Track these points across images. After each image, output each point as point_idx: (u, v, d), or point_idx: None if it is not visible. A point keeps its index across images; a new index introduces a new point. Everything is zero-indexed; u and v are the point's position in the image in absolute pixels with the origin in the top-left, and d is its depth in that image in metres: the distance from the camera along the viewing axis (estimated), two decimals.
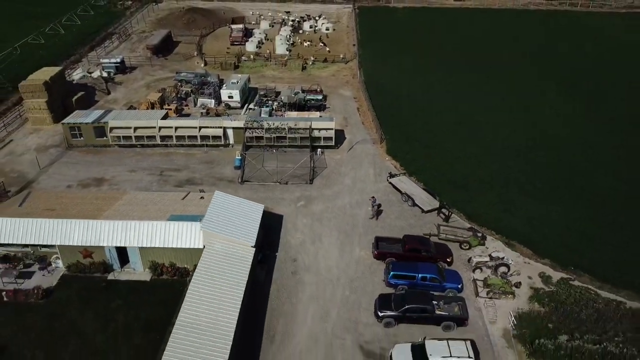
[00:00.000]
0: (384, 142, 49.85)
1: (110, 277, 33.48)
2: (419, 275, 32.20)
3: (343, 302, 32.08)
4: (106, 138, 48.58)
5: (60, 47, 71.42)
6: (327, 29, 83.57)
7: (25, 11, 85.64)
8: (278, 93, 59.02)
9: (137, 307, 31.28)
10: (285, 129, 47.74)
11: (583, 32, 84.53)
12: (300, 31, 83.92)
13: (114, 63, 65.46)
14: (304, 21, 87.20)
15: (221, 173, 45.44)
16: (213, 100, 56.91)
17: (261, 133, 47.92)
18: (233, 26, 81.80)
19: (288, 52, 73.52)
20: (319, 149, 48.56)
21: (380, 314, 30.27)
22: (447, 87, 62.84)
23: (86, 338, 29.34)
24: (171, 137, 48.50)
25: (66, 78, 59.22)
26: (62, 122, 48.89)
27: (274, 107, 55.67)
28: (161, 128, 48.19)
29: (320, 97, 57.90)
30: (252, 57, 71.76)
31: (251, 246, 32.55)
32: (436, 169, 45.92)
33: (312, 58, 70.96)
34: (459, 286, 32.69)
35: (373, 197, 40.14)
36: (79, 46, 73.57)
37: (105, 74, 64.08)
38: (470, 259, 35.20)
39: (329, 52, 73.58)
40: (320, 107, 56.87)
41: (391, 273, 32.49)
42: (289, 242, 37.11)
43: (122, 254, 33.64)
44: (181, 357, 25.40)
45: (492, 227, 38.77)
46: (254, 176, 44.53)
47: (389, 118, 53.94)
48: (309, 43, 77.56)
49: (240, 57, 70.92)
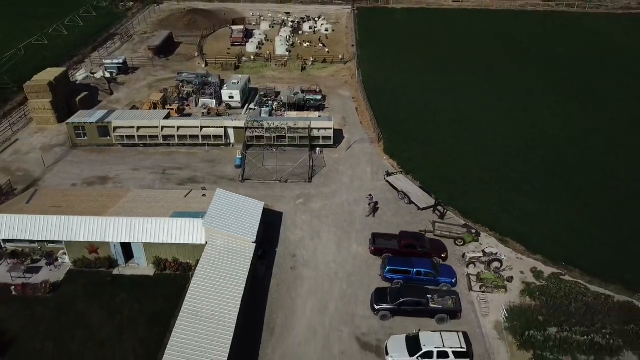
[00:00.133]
0: (382, 142, 50.80)
1: (115, 272, 34.52)
2: (414, 270, 33.25)
3: (341, 296, 33.14)
4: (110, 137, 49.57)
5: (63, 48, 72.36)
6: (327, 30, 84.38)
7: (28, 12, 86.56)
8: (278, 93, 59.82)
9: (142, 301, 32.30)
10: (285, 129, 48.70)
11: (580, 33, 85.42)
12: (300, 32, 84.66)
13: (117, 64, 66.35)
14: (304, 22, 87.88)
15: (222, 171, 46.45)
16: (214, 100, 57.81)
17: (261, 132, 48.92)
18: (234, 27, 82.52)
19: (288, 53, 74.41)
20: (318, 148, 49.50)
21: (376, 307, 31.31)
22: (445, 88, 63.67)
23: (93, 330, 30.38)
24: (173, 137, 49.50)
25: (70, 79, 60.20)
26: (67, 122, 49.89)
27: (274, 107, 56.50)
28: (163, 128, 49.16)
29: (319, 98, 58.75)
30: (253, 58, 72.65)
31: (252, 242, 33.59)
32: (433, 168, 46.87)
33: (312, 59, 71.86)
34: (453, 281, 33.74)
35: (370, 195, 41.13)
36: (82, 47, 74.49)
37: (108, 75, 64.95)
38: (464, 255, 36.22)
39: (328, 53, 74.45)
40: (319, 107, 57.74)
41: (387, 268, 33.55)
42: (289, 239, 38.15)
43: (127, 250, 34.70)
44: (185, 347, 26.47)
45: (487, 224, 39.78)
46: (255, 174, 45.56)
47: (387, 118, 54.89)
48: (309, 44, 78.47)
49: (240, 58, 71.84)
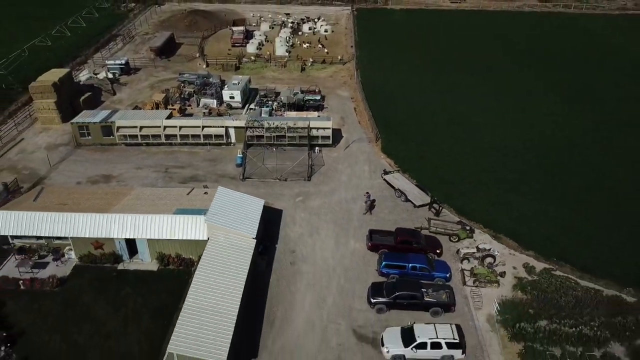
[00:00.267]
0: (379, 141, 51.81)
1: (120, 267, 35.61)
2: (410, 265, 34.32)
3: (338, 290, 34.21)
4: (113, 137, 50.65)
5: (66, 49, 73.43)
6: (326, 31, 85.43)
7: (32, 14, 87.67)
8: (278, 93, 60.81)
9: (146, 295, 33.38)
10: (284, 128, 49.75)
11: (577, 34, 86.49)
12: (299, 33, 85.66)
13: (119, 64, 67.41)
14: (304, 23, 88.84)
15: (223, 170, 47.52)
16: (215, 100, 58.88)
17: (261, 132, 49.98)
18: (234, 28, 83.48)
19: (287, 54, 75.47)
20: (317, 148, 50.55)
21: (372, 301, 32.38)
22: (443, 88, 64.72)
23: (98, 323, 31.46)
24: (175, 136, 50.59)
25: (73, 79, 61.19)
26: (71, 122, 50.95)
27: (274, 107, 57.48)
28: (166, 127, 50.24)
29: (318, 98, 59.73)
30: (253, 59, 73.72)
31: (252, 238, 34.66)
32: (430, 167, 47.92)
33: (311, 59, 72.90)
34: (447, 275, 34.81)
35: (367, 193, 42.18)
36: (84, 48, 75.59)
37: (110, 75, 66.01)
38: (458, 251, 37.32)
39: (328, 54, 75.47)
40: (318, 107, 58.75)
41: (383, 263, 34.63)
42: (288, 235, 39.22)
43: (131, 246, 35.78)
44: (188, 339, 27.50)
45: (481, 221, 40.87)
46: (255, 173, 46.62)
47: (385, 118, 55.89)
48: (308, 45, 79.51)
49: (241, 59, 72.89)
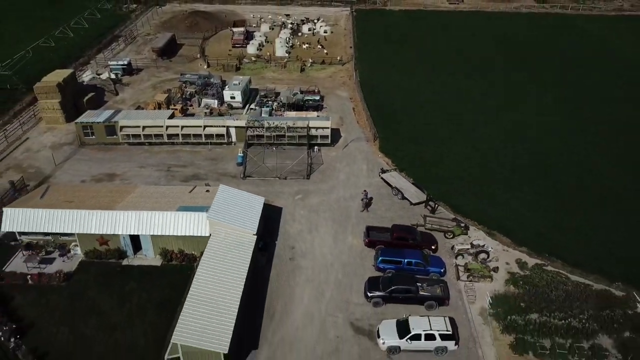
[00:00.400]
0: (377, 140, 52.88)
1: (124, 263, 36.70)
2: (405, 260, 35.42)
3: (336, 285, 35.30)
4: (116, 136, 51.67)
5: (69, 50, 74.53)
6: (325, 32, 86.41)
7: (36, 15, 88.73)
8: (278, 94, 61.76)
9: (150, 290, 34.47)
10: (284, 128, 50.82)
11: (573, 35, 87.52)
12: (299, 34, 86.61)
13: (121, 65, 68.42)
14: (303, 24, 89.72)
15: (224, 169, 48.59)
16: (216, 100, 59.96)
17: (262, 132, 51.05)
18: (234, 29, 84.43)
19: (287, 55, 76.54)
20: (316, 147, 51.60)
21: (369, 295, 33.43)
22: (440, 88, 65.79)
23: (105, 316, 32.55)
24: (177, 136, 51.66)
25: (77, 80, 62.24)
26: (76, 122, 51.99)
27: (274, 107, 58.47)
28: (168, 127, 51.31)
29: (317, 98, 60.69)
30: (253, 59, 74.80)
31: (253, 234, 35.75)
32: (426, 166, 49.01)
33: (311, 60, 73.96)
34: (442, 270, 35.90)
35: (365, 191, 43.25)
36: (87, 49, 76.67)
37: (113, 76, 67.07)
38: (453, 247, 38.39)
39: (327, 55, 76.51)
40: (317, 107, 59.75)
41: (380, 258, 35.73)
42: (288, 232, 40.30)
43: (136, 242, 36.88)
44: (191, 331, 28.56)
45: (475, 219, 41.94)
46: (255, 172, 47.69)
47: (383, 118, 56.98)
48: (308, 45, 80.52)
49: (241, 59, 73.92)
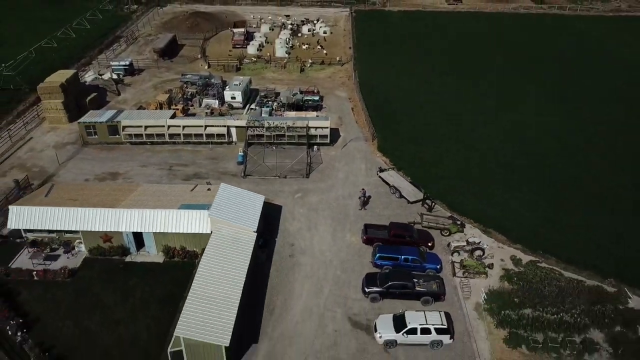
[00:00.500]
0: (376, 140, 53.69)
1: (127, 259, 37.54)
2: (402, 257, 36.23)
3: (334, 281, 36.13)
4: (119, 136, 52.51)
5: (71, 50, 75.36)
6: (325, 33, 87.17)
7: (38, 16, 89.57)
8: (278, 94, 62.58)
9: (152, 285, 35.32)
10: (284, 128, 51.65)
11: (571, 35, 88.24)
12: (299, 34, 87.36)
13: (123, 65, 69.18)
14: (303, 24, 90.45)
15: (225, 168, 49.40)
16: (217, 100, 60.80)
17: (262, 131, 51.87)
18: (235, 30, 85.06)
19: (287, 55, 77.35)
20: (315, 146, 52.42)
21: (367, 290, 34.26)
22: (438, 89, 66.57)
23: (108, 311, 33.40)
24: (179, 135, 52.50)
25: (79, 80, 63.03)
26: (79, 122, 52.89)
27: (274, 107, 59.28)
28: (170, 127, 52.15)
29: (317, 98, 61.46)
30: (254, 60, 75.61)
31: (253, 231, 36.56)
32: (423, 165, 49.80)
33: (310, 60, 74.78)
34: (438, 267, 36.72)
35: (363, 189, 44.07)
36: (89, 49, 77.46)
37: (115, 76, 67.85)
38: (449, 244, 39.20)
39: (326, 55, 77.31)
40: (317, 107, 60.54)
41: (377, 255, 36.56)
42: (287, 229, 41.12)
43: (138, 239, 37.72)
44: (194, 323, 29.36)
45: (472, 217, 42.75)
46: (256, 171, 48.51)
47: (381, 117, 57.77)
48: (307, 46, 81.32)
49: (242, 60, 74.75)
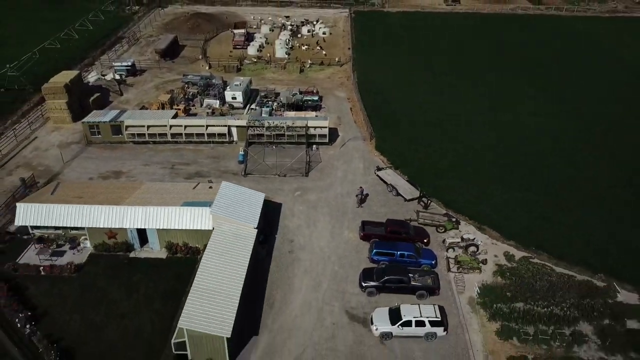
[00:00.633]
0: (374, 140, 54.73)
1: (131, 255, 38.64)
2: (398, 252, 37.34)
3: (333, 276, 37.24)
4: (122, 135, 53.56)
5: (74, 51, 76.38)
6: (324, 33, 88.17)
7: (41, 17, 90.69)
8: (277, 94, 63.57)
9: (156, 280, 36.39)
10: (284, 128, 52.70)
11: (568, 36, 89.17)
12: (298, 35, 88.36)
13: (125, 66, 70.09)
14: (303, 25, 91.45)
15: (226, 167, 50.47)
16: (218, 100, 61.82)
17: (262, 131, 52.93)
18: (235, 31, 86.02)
19: (287, 56, 78.40)
20: (315, 146, 53.46)
21: (364, 285, 35.36)
22: (436, 89, 67.56)
23: (113, 305, 34.49)
24: (181, 135, 53.57)
25: (83, 80, 64.12)
26: (83, 121, 53.93)
27: (274, 107, 60.30)
28: (172, 126, 53.21)
29: (316, 98, 62.44)
30: (254, 61, 76.65)
31: (254, 228, 37.66)
32: (420, 163, 50.83)
33: (310, 61, 75.83)
34: (433, 262, 37.82)
35: (361, 188, 45.13)
36: (92, 50, 78.51)
37: (117, 77, 68.89)
38: (444, 240, 40.30)
39: (325, 56, 78.33)
40: (316, 107, 61.54)
41: (374, 251, 37.67)
42: (287, 226, 42.21)
43: (142, 235, 38.83)
44: (197, 315, 30.46)
45: (466, 214, 43.82)
46: (256, 169, 49.58)
47: (379, 117, 58.79)
48: (307, 47, 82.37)
49: (242, 61, 75.79)
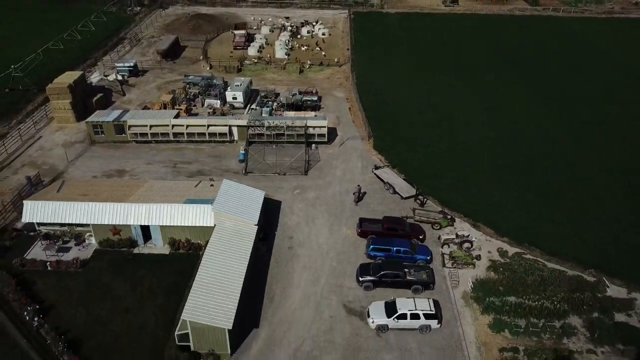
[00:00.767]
0: (372, 139, 55.79)
1: (135, 251, 39.69)
2: (394, 248, 38.41)
3: (331, 271, 38.33)
4: (125, 135, 54.65)
5: (77, 52, 77.48)
6: (324, 34, 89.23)
7: (40, 17, 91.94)
8: (277, 94, 64.78)
9: (159, 276, 37.47)
10: (283, 127, 53.78)
11: (565, 37, 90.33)
12: (298, 36, 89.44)
13: (128, 67, 71.22)
14: (302, 26, 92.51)
15: (227, 165, 51.56)
16: (219, 101, 62.92)
17: (262, 130, 54.02)
18: (236, 32, 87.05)
19: (287, 57, 79.47)
20: (314, 145, 54.53)
21: (360, 279, 36.43)
22: (434, 89, 68.61)
23: (118, 299, 35.56)
24: (182, 134, 54.66)
25: (86, 81, 65.20)
26: (86, 121, 55.01)
27: (274, 107, 61.41)
28: (174, 126, 54.30)
29: (315, 98, 63.49)
30: (254, 61, 77.74)
31: (254, 224, 38.73)
32: (417, 162, 51.93)
33: (309, 62, 76.91)
34: (428, 258, 38.90)
35: (359, 186, 46.19)
36: (94, 51, 79.64)
37: (120, 77, 69.99)
38: (440, 237, 41.37)
39: (325, 56, 79.42)
40: (315, 107, 62.60)
41: (371, 246, 38.76)
42: (287, 223, 43.29)
43: (146, 232, 39.88)
44: (199, 308, 31.50)
45: (462, 211, 44.89)
46: (256, 168, 50.66)
47: (377, 117, 59.88)
48: (306, 47, 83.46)
49: (242, 61, 76.89)
